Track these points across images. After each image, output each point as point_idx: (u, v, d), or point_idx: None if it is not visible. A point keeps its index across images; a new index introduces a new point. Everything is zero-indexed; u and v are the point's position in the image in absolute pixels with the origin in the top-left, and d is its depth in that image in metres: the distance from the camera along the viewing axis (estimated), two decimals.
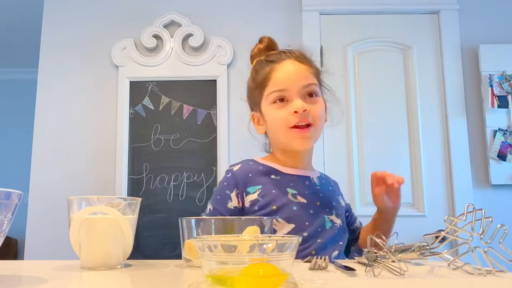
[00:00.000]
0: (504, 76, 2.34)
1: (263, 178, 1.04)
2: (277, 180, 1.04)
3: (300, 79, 1.02)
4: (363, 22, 2.48)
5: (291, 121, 1.00)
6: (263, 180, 1.03)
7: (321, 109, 1.04)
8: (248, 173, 1.04)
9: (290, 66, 1.04)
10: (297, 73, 1.03)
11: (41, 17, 2.52)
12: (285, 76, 1.03)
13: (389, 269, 0.62)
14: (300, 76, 1.03)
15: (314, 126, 1.02)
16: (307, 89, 1.02)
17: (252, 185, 1.02)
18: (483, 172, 2.34)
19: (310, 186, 1.06)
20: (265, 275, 0.48)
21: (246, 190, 1.02)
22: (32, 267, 0.77)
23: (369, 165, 2.35)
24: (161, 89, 2.42)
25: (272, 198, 1.01)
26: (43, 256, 2.22)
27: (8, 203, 0.57)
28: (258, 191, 1.02)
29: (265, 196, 1.01)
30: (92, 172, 2.37)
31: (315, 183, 1.08)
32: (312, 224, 1.00)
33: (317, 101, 1.04)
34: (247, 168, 1.06)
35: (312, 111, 1.01)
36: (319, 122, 1.03)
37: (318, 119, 1.02)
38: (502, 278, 0.58)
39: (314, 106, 1.02)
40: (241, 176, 1.04)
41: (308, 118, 1.00)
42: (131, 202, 0.76)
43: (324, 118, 1.07)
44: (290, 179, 1.05)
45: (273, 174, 1.05)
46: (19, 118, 3.94)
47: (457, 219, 0.65)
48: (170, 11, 2.47)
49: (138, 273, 0.68)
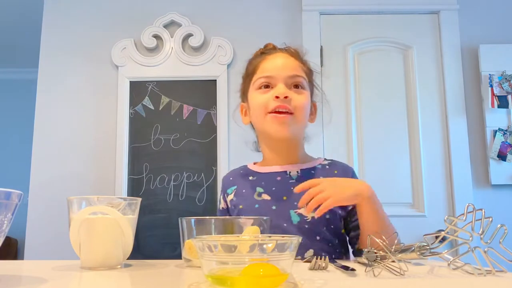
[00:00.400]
0: (504, 76, 2.34)
1: (241, 180, 1.12)
2: (252, 180, 1.09)
3: (287, 69, 1.04)
4: (363, 22, 2.48)
5: (271, 105, 1.01)
6: (240, 182, 1.11)
7: (305, 100, 1.03)
8: (230, 177, 1.14)
9: (280, 58, 1.07)
10: (286, 63, 1.05)
11: (41, 17, 2.52)
12: (273, 65, 1.06)
13: (389, 269, 0.62)
14: (288, 66, 1.05)
15: (295, 115, 1.01)
16: (293, 79, 1.03)
17: (230, 187, 1.12)
18: (483, 172, 2.34)
19: (281, 181, 1.06)
20: (265, 275, 0.48)
21: (226, 191, 1.12)
22: (32, 267, 0.77)
23: (369, 165, 2.35)
24: (161, 89, 2.42)
25: (241, 198, 1.07)
26: (43, 256, 2.22)
27: (8, 203, 0.57)
28: (234, 191, 1.10)
29: (237, 196, 1.08)
30: (92, 172, 2.37)
31: (290, 177, 1.07)
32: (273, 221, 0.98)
33: (302, 93, 1.04)
34: (232, 173, 1.17)
35: (294, 100, 1.01)
36: (300, 113, 1.02)
37: (300, 109, 1.02)
38: (502, 278, 0.58)
39: (298, 96, 1.03)
40: (226, 181, 1.15)
41: (289, 105, 1.01)
42: (131, 202, 0.76)
43: (307, 111, 1.05)
44: (263, 178, 1.08)
45: (250, 175, 1.11)
46: (19, 118, 3.94)
47: (457, 219, 0.65)
48: (170, 11, 2.47)
49: (138, 273, 0.68)
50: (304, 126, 1.08)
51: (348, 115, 2.39)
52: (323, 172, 1.09)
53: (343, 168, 1.12)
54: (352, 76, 2.44)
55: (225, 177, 1.17)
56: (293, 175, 1.07)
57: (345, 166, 1.13)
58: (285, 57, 1.07)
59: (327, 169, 1.10)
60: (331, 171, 1.09)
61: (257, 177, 1.10)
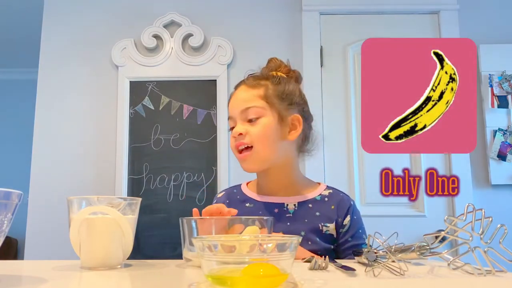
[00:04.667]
0: (504, 76, 2.34)
1: (239, 206, 1.08)
2: (250, 208, 1.10)
3: (240, 104, 1.07)
4: (363, 22, 2.48)
5: (235, 146, 1.06)
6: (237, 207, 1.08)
7: (259, 131, 1.03)
8: (226, 200, 1.14)
9: (236, 94, 1.11)
10: (238, 99, 1.09)
11: (41, 17, 2.52)
12: (231, 105, 1.10)
13: (389, 269, 0.62)
14: (241, 100, 1.08)
15: (255, 148, 1.04)
16: (245, 113, 1.05)
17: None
18: (483, 172, 2.34)
19: (279, 214, 1.07)
20: (265, 275, 0.48)
21: None
22: (32, 267, 0.77)
23: (369, 165, 2.35)
24: (161, 89, 2.42)
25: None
26: (43, 256, 2.22)
27: (8, 203, 0.57)
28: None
29: None
30: (92, 172, 2.37)
31: (287, 210, 1.07)
32: None
33: (257, 123, 1.04)
34: (227, 196, 1.16)
35: (249, 134, 1.04)
36: (259, 144, 1.03)
37: (258, 140, 1.03)
38: (502, 278, 0.58)
39: (252, 128, 1.04)
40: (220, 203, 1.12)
41: (244, 140, 1.04)
42: (131, 202, 0.76)
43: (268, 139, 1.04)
44: (260, 208, 1.09)
45: (248, 202, 1.12)
46: (19, 118, 3.94)
47: (457, 219, 0.65)
48: (170, 11, 2.47)
49: (138, 273, 0.68)
50: (272, 153, 1.05)
51: (348, 115, 2.39)
52: (320, 206, 1.08)
53: (341, 202, 1.10)
54: (352, 76, 2.44)
55: (220, 199, 1.15)
56: (290, 209, 1.08)
57: (344, 200, 1.11)
58: (240, 91, 1.09)
59: (325, 202, 1.09)
60: (328, 206, 1.09)
61: (254, 205, 1.10)
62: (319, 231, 1.05)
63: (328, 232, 1.06)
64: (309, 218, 1.06)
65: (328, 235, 1.06)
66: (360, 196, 2.32)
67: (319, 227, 1.05)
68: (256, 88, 1.08)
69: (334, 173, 2.34)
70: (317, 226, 1.06)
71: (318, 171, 2.28)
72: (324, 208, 1.08)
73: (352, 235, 1.08)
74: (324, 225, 1.06)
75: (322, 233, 1.05)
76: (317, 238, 1.04)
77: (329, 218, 1.07)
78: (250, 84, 1.09)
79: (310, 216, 1.07)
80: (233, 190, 1.17)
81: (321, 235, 1.05)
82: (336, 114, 2.40)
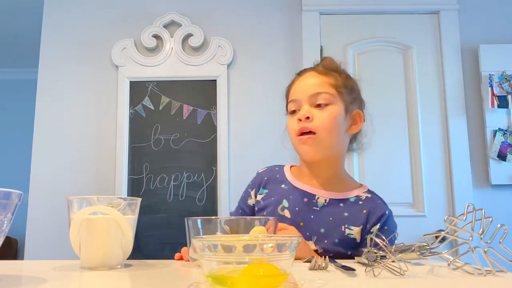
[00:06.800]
0: (504, 76, 2.34)
1: (274, 185, 1.11)
2: (284, 189, 1.09)
3: (310, 88, 1.05)
4: (363, 22, 2.48)
5: (296, 129, 1.03)
6: (273, 187, 1.11)
7: (327, 117, 1.01)
8: (265, 177, 1.13)
9: (305, 78, 1.08)
10: (309, 83, 1.06)
11: (41, 17, 2.52)
12: (297, 88, 1.08)
13: (389, 269, 0.62)
14: (311, 85, 1.05)
15: (317, 135, 1.01)
16: (315, 98, 1.03)
17: (263, 188, 1.12)
18: (483, 172, 2.34)
19: (306, 204, 1.05)
20: (265, 275, 0.48)
21: (259, 189, 1.13)
22: (32, 267, 0.77)
23: (369, 165, 2.35)
24: (161, 89, 2.42)
25: (267, 204, 1.08)
26: (43, 256, 2.22)
27: (8, 203, 0.57)
28: (264, 194, 1.11)
29: (265, 201, 1.09)
30: (92, 172, 2.37)
31: (316, 203, 1.05)
32: None
33: (326, 110, 1.02)
34: (268, 173, 1.15)
35: (316, 119, 1.01)
36: (323, 131, 1.01)
37: (323, 128, 1.01)
38: (502, 278, 0.58)
39: (320, 114, 1.02)
40: (260, 178, 1.14)
41: (309, 125, 1.01)
42: (131, 202, 0.77)
43: (332, 127, 1.02)
44: (292, 192, 1.08)
45: (284, 184, 1.10)
46: (19, 118, 3.94)
47: (457, 219, 0.65)
48: (170, 11, 2.47)
49: (138, 273, 0.68)
50: (335, 143, 1.04)
51: None
52: (351, 208, 1.04)
53: (374, 209, 1.03)
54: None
55: (261, 174, 1.15)
56: (319, 203, 1.05)
57: (378, 207, 1.04)
58: (310, 77, 1.08)
59: (359, 205, 1.04)
60: (360, 209, 1.03)
61: (288, 188, 1.09)
62: (340, 232, 1.01)
63: (351, 235, 1.01)
64: (335, 217, 1.03)
65: (350, 239, 1.01)
66: None
67: (341, 229, 1.01)
68: (327, 75, 1.07)
69: None
70: (340, 228, 1.01)
71: None
72: (355, 211, 1.03)
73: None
74: (347, 227, 1.01)
75: (344, 236, 1.01)
76: (335, 239, 1.01)
77: (356, 221, 1.02)
78: (321, 71, 1.08)
79: (337, 215, 1.03)
80: (275, 168, 1.15)
81: (341, 238, 1.01)
82: None
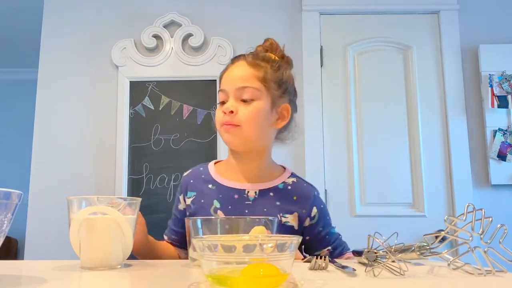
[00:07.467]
0: (504, 76, 2.34)
1: (202, 186, 1.10)
2: (212, 190, 1.09)
3: (237, 81, 1.05)
4: (363, 22, 2.48)
5: (221, 121, 1.05)
6: (200, 188, 1.10)
7: (251, 112, 1.02)
8: (191, 179, 1.13)
9: (234, 68, 1.08)
10: (236, 75, 1.06)
11: (41, 17, 2.52)
12: (226, 78, 1.08)
13: (389, 269, 0.62)
14: (238, 77, 1.05)
15: (241, 127, 1.02)
16: (240, 92, 1.04)
17: (190, 191, 1.12)
18: (483, 172, 2.34)
19: (238, 201, 1.06)
20: (265, 275, 0.48)
21: (187, 193, 1.12)
22: (32, 267, 0.77)
23: (369, 165, 2.35)
24: (161, 89, 2.42)
25: (198, 207, 1.08)
26: (43, 256, 2.22)
27: (8, 203, 0.57)
28: (192, 197, 1.10)
29: (195, 204, 1.09)
30: (92, 172, 2.37)
31: (247, 197, 1.06)
32: None
33: (250, 105, 1.03)
34: (193, 174, 1.15)
35: (240, 114, 1.02)
36: (247, 125, 1.02)
37: (247, 122, 1.02)
38: (502, 278, 0.58)
39: (244, 109, 1.03)
40: (185, 181, 1.14)
41: (234, 120, 1.02)
42: (131, 202, 0.77)
43: (257, 122, 1.03)
44: (221, 191, 1.08)
45: (211, 183, 1.10)
46: (19, 118, 3.94)
47: (457, 219, 0.65)
48: (170, 11, 2.47)
49: (138, 273, 0.68)
50: (259, 137, 1.05)
51: (348, 115, 2.39)
52: (281, 195, 1.07)
53: (304, 194, 1.09)
54: (352, 76, 2.44)
55: (186, 177, 1.15)
56: (250, 196, 1.06)
57: (307, 192, 1.10)
58: (239, 67, 1.07)
59: (287, 191, 1.08)
60: (290, 196, 1.08)
61: (216, 187, 1.09)
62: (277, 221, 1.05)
63: (288, 223, 1.05)
64: (268, 207, 1.05)
65: (287, 227, 1.05)
66: (360, 196, 2.32)
67: (278, 218, 1.04)
68: (255, 68, 1.06)
69: (334, 173, 2.34)
70: (276, 217, 1.04)
71: (318, 171, 2.28)
72: (285, 198, 1.07)
73: (323, 225, 1.08)
74: (283, 216, 1.05)
75: (281, 224, 1.04)
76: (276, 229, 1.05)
77: (289, 209, 1.06)
78: (250, 63, 1.07)
79: (270, 205, 1.06)
80: (200, 169, 1.15)
81: (279, 227, 1.03)
82: (336, 114, 2.40)
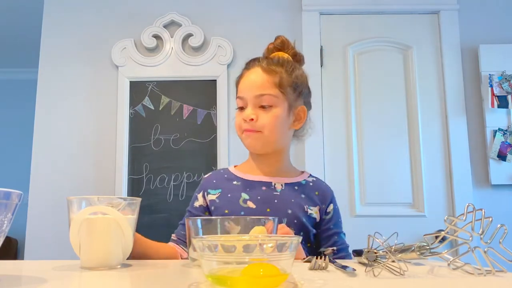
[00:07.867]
0: (504, 76, 2.34)
1: (226, 183, 1.14)
2: (237, 186, 1.13)
3: (254, 89, 1.08)
4: (363, 22, 2.48)
5: (242, 127, 1.10)
6: (225, 185, 1.14)
7: (271, 119, 1.07)
8: (213, 179, 1.17)
9: (250, 75, 1.11)
10: (254, 81, 1.10)
11: (41, 17, 2.52)
12: (244, 85, 1.12)
13: (389, 269, 0.62)
14: (256, 85, 1.09)
15: (263, 133, 1.07)
16: (259, 99, 1.08)
17: (213, 189, 1.15)
18: (483, 172, 2.34)
19: (266, 192, 1.10)
20: (265, 275, 0.48)
21: (207, 191, 1.15)
22: (32, 267, 0.77)
23: (369, 165, 2.35)
24: (161, 89, 2.42)
25: (226, 202, 1.11)
26: (43, 256, 2.22)
27: (8, 203, 0.57)
28: (217, 194, 1.14)
29: (222, 200, 1.12)
30: (92, 172, 2.37)
31: (275, 189, 1.11)
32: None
33: (269, 111, 1.07)
34: (214, 175, 1.20)
35: (260, 120, 1.07)
36: (268, 131, 1.07)
37: (267, 128, 1.07)
38: (502, 278, 0.58)
39: (264, 116, 1.07)
40: (207, 182, 1.18)
41: (255, 127, 1.07)
42: (131, 202, 0.77)
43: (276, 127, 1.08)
44: (248, 185, 1.12)
45: (235, 180, 1.15)
46: (19, 118, 3.94)
47: (457, 219, 0.65)
48: (170, 11, 2.47)
49: (138, 273, 0.68)
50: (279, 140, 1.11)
51: (348, 115, 2.39)
52: (306, 189, 1.14)
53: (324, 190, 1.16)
54: (352, 76, 2.44)
55: (207, 178, 1.19)
56: (277, 188, 1.11)
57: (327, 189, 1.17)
58: (255, 74, 1.10)
59: (310, 186, 1.15)
60: (312, 191, 1.14)
61: (241, 182, 1.13)
62: (304, 211, 1.09)
63: (312, 215, 1.10)
64: (295, 198, 1.10)
65: (312, 218, 1.10)
66: (360, 196, 2.32)
67: (304, 208, 1.10)
68: (271, 74, 1.09)
69: (334, 173, 2.34)
70: (303, 207, 1.10)
71: (318, 171, 2.28)
72: (309, 192, 1.13)
73: (334, 223, 1.14)
74: (308, 208, 1.10)
75: (307, 215, 1.10)
76: (303, 219, 1.08)
77: (313, 202, 1.12)
78: (265, 69, 1.10)
79: (297, 197, 1.11)
80: (220, 171, 1.21)
81: (306, 216, 1.09)
82: (336, 114, 2.40)
